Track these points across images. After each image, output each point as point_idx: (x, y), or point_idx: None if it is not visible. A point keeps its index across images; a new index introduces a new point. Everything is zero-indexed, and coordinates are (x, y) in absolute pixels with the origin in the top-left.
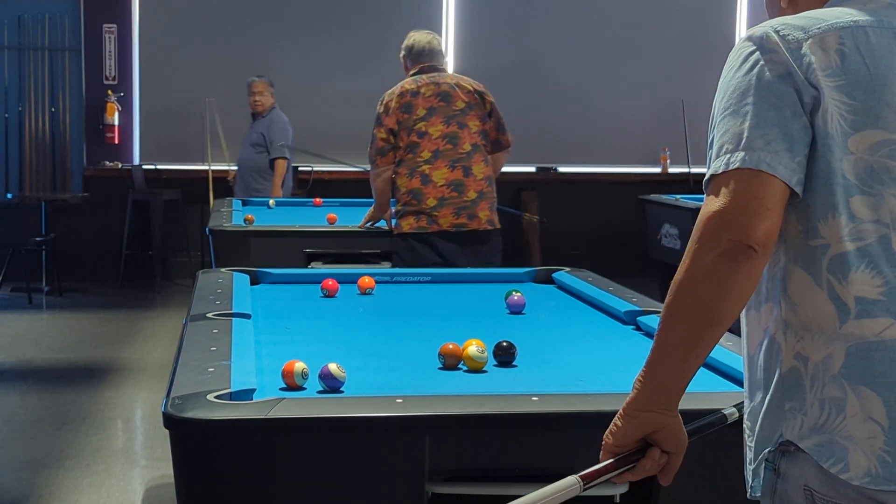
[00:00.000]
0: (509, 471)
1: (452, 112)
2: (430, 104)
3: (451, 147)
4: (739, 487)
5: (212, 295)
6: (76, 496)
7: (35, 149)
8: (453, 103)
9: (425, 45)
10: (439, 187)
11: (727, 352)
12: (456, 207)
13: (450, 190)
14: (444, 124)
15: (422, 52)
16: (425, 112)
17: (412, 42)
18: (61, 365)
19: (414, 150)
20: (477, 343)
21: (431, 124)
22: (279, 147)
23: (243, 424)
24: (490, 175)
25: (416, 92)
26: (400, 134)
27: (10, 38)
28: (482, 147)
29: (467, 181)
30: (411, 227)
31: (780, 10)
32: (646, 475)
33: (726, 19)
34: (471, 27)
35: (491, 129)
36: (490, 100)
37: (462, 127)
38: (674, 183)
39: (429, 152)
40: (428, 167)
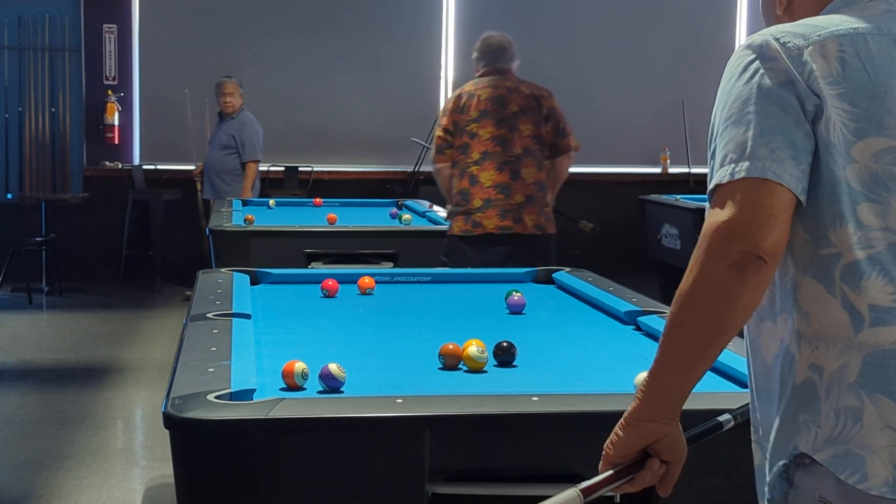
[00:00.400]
0: (509, 471)
1: (505, 115)
2: (484, 107)
3: (500, 149)
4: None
5: (212, 295)
6: (76, 496)
7: (35, 149)
8: (507, 107)
9: (496, 47)
10: (486, 188)
11: (727, 352)
12: (501, 210)
13: (496, 192)
14: (495, 127)
15: (489, 55)
16: (478, 114)
17: (484, 44)
18: (61, 365)
19: (465, 151)
20: (477, 343)
21: (482, 126)
22: (251, 149)
23: (243, 424)
24: (542, 181)
25: (473, 94)
26: (455, 135)
27: (10, 38)
28: (535, 152)
29: (515, 184)
30: (460, 229)
31: (775, 17)
32: (645, 486)
33: (726, 20)
34: (471, 27)
35: (548, 133)
36: (548, 105)
37: (513, 130)
38: (674, 183)
39: (478, 153)
40: (476, 168)
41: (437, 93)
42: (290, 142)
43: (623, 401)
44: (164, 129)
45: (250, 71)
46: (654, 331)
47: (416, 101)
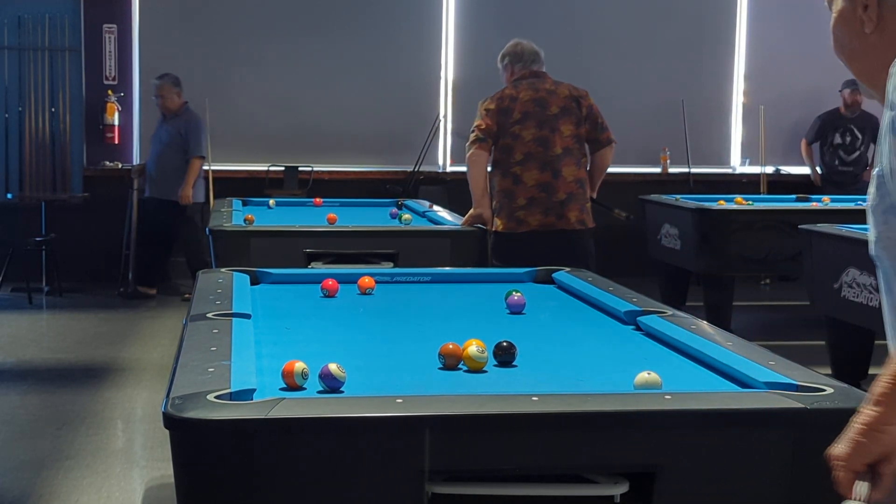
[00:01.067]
0: (509, 471)
1: (546, 117)
2: (526, 109)
3: (542, 150)
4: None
5: (212, 295)
6: (76, 496)
7: (35, 149)
8: (548, 108)
9: (530, 51)
10: (529, 188)
11: (727, 352)
12: (544, 207)
13: (539, 191)
14: (537, 128)
15: (526, 58)
16: (520, 116)
17: (519, 49)
18: (61, 365)
19: (508, 152)
20: (477, 343)
21: (525, 128)
22: (196, 145)
23: (243, 424)
24: (582, 178)
25: (515, 97)
26: (498, 136)
27: (10, 38)
28: (574, 150)
29: (556, 183)
30: (505, 227)
31: (860, 35)
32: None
33: (726, 19)
34: (471, 27)
35: (588, 131)
36: (587, 104)
37: (554, 131)
38: (674, 183)
39: (521, 154)
40: (519, 168)
41: (437, 93)
42: (290, 142)
43: (623, 401)
44: None
45: (250, 71)
46: (654, 331)
47: (416, 101)
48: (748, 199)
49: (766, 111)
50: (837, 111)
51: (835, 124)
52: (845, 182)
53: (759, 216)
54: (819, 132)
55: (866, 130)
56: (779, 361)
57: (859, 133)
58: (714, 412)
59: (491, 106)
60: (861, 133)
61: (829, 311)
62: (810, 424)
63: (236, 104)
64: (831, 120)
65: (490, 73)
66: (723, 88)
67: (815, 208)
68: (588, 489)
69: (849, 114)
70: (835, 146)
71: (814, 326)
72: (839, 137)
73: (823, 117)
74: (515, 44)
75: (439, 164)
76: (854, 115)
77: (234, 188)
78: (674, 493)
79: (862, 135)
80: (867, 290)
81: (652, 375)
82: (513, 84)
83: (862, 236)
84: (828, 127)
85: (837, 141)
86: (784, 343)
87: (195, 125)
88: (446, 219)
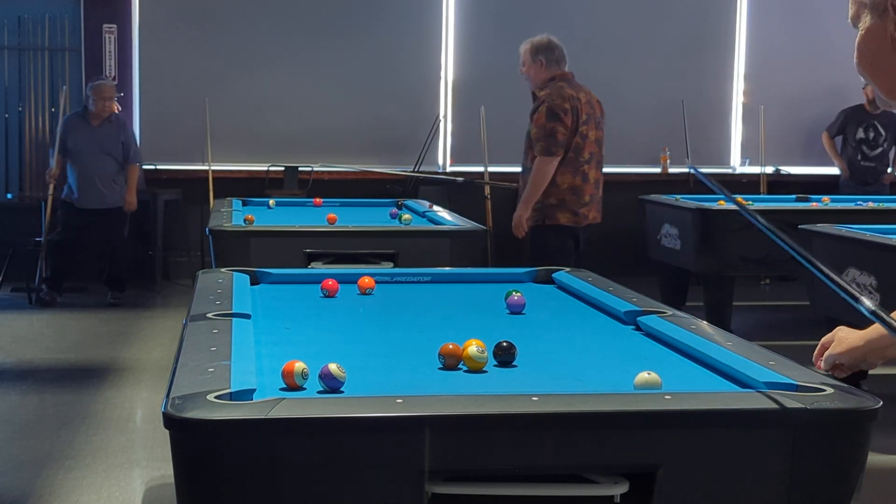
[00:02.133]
0: (509, 471)
1: (598, 119)
2: (587, 111)
3: (598, 150)
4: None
5: (212, 295)
6: (76, 496)
7: (35, 149)
8: (596, 111)
9: (561, 51)
10: (590, 185)
11: (727, 352)
12: (598, 204)
13: (594, 188)
14: (596, 130)
15: (560, 57)
16: (586, 117)
17: (554, 46)
18: (61, 365)
19: (578, 151)
20: (477, 343)
21: (590, 129)
22: (136, 153)
23: (243, 424)
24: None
25: (577, 98)
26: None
27: (10, 38)
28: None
29: (601, 181)
30: (567, 220)
31: (889, 52)
32: None
33: (726, 19)
34: (471, 27)
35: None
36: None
37: (602, 133)
38: (674, 183)
39: (588, 154)
40: (587, 167)
41: (437, 93)
42: (290, 142)
43: (623, 401)
44: (164, 129)
45: (250, 71)
46: (655, 331)
47: (416, 101)
48: (748, 199)
49: (766, 111)
50: (861, 107)
51: (858, 119)
52: (866, 178)
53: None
54: (842, 126)
55: (890, 127)
56: (779, 361)
57: (883, 130)
58: (714, 412)
59: (566, 105)
60: (885, 129)
61: (829, 311)
62: (810, 424)
63: (236, 104)
64: (855, 115)
65: (490, 73)
66: (723, 88)
67: (815, 208)
68: (588, 489)
69: (872, 109)
70: (857, 141)
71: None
72: (862, 132)
73: (847, 112)
74: (549, 41)
75: (439, 164)
76: (878, 112)
77: (234, 188)
78: (674, 494)
79: (885, 131)
80: (867, 290)
81: (652, 375)
82: (567, 84)
83: (862, 236)
84: (850, 121)
85: (860, 136)
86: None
87: (132, 131)
88: (446, 219)
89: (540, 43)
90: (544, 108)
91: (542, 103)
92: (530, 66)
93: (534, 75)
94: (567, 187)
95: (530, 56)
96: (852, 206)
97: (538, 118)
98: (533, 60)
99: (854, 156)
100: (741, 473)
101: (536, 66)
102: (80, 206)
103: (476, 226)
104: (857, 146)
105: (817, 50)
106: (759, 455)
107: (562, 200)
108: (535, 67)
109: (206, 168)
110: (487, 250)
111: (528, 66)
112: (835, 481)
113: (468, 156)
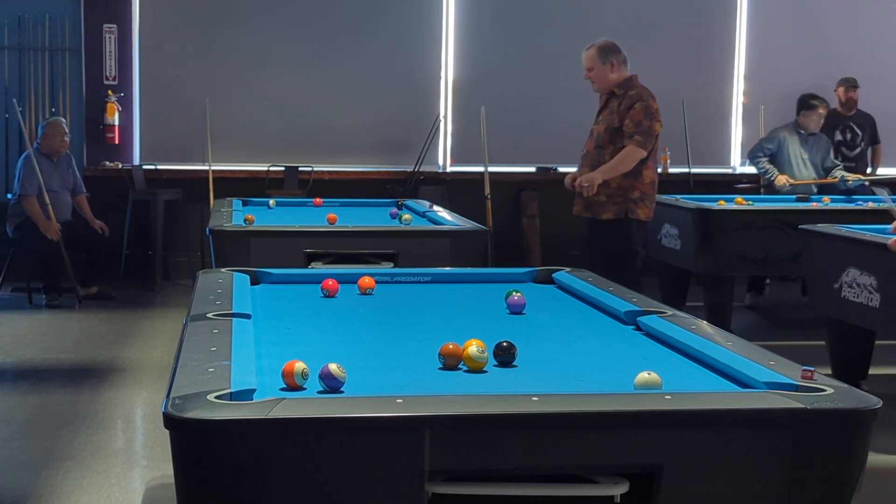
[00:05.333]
0: (509, 471)
1: None
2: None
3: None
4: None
5: (212, 295)
6: (76, 496)
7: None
8: None
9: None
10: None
11: (727, 352)
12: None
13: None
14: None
15: (626, 59)
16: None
17: (616, 47)
18: (61, 365)
19: (655, 149)
20: (477, 343)
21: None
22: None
23: (243, 424)
24: None
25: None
26: None
27: (10, 38)
28: None
29: None
30: (645, 215)
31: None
32: None
33: (726, 19)
34: (471, 27)
35: None
36: None
37: None
38: (674, 183)
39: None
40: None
41: (437, 93)
42: (290, 142)
43: (623, 401)
44: (164, 129)
45: (250, 71)
46: (655, 331)
47: (416, 101)
48: (748, 199)
49: (766, 111)
50: (834, 110)
51: (833, 122)
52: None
53: (759, 216)
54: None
55: (865, 127)
56: (779, 361)
57: (859, 130)
58: (714, 412)
59: (656, 104)
60: (861, 130)
61: (829, 311)
62: (810, 424)
63: (236, 104)
64: (830, 118)
65: (490, 73)
66: (723, 88)
67: (815, 208)
68: (588, 489)
69: (845, 111)
70: (836, 143)
71: (814, 326)
72: (840, 134)
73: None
74: (614, 44)
75: (439, 164)
76: (851, 113)
77: (234, 188)
78: (674, 493)
79: (861, 131)
80: (867, 290)
81: (652, 375)
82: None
83: (862, 236)
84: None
85: (839, 138)
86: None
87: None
88: (446, 219)
89: (607, 45)
90: (640, 105)
91: (638, 100)
92: (600, 69)
93: (604, 77)
94: (650, 182)
95: (599, 59)
96: (852, 206)
97: (635, 114)
98: (603, 63)
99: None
100: (741, 473)
101: (607, 69)
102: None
103: (476, 226)
104: (836, 148)
105: (817, 50)
106: (760, 455)
107: (644, 194)
108: (606, 70)
109: (206, 168)
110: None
111: (596, 69)
112: (835, 481)
113: (468, 156)
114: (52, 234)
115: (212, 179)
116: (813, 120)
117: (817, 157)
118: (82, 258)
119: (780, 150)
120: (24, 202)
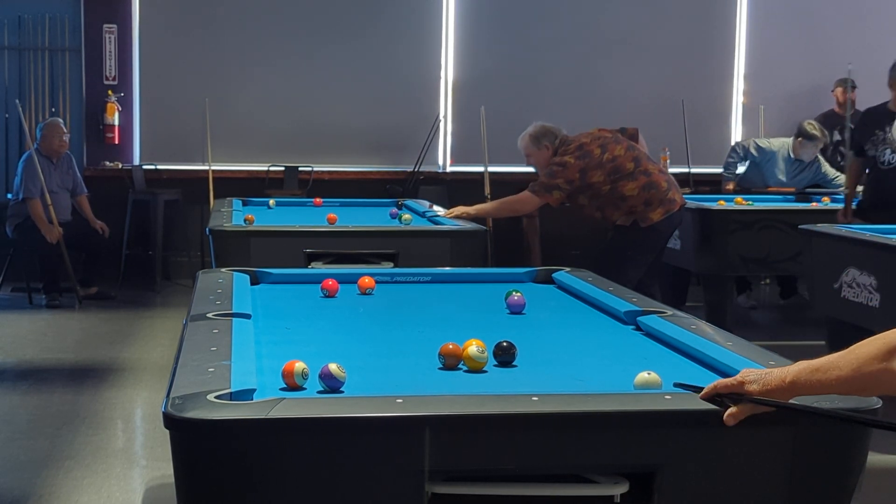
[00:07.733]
0: (509, 471)
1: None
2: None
3: (635, 154)
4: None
5: (212, 295)
6: (76, 496)
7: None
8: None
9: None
10: (659, 175)
11: (727, 352)
12: (676, 184)
13: (663, 173)
14: (615, 145)
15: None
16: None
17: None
18: (61, 365)
19: (618, 172)
20: (477, 343)
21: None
22: (83, 183)
23: (243, 424)
24: None
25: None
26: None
27: (10, 38)
28: None
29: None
30: (660, 215)
31: None
32: None
33: (726, 19)
34: (471, 28)
35: None
36: None
37: (625, 143)
38: None
39: (630, 164)
40: (638, 171)
41: (437, 93)
42: (290, 142)
43: (623, 401)
44: (164, 129)
45: (250, 71)
46: (654, 331)
47: (416, 101)
48: (748, 199)
49: (765, 111)
50: (832, 111)
51: (831, 123)
52: None
53: (759, 216)
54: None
55: None
56: (779, 361)
57: None
58: (714, 412)
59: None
60: None
61: (829, 311)
62: (810, 424)
63: (236, 104)
64: (826, 119)
65: (490, 74)
66: (723, 88)
67: (815, 208)
68: (588, 489)
69: (843, 112)
70: (834, 144)
71: (814, 326)
72: (838, 135)
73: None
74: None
75: (439, 164)
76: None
77: (234, 188)
78: (674, 493)
79: None
80: (867, 290)
81: (652, 375)
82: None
83: (862, 236)
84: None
85: (837, 138)
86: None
87: (74, 164)
88: (446, 219)
89: (537, 132)
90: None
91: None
92: (536, 154)
93: (542, 160)
94: (637, 192)
95: (534, 146)
96: (852, 206)
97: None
98: (538, 148)
99: (834, 157)
100: (741, 473)
101: (543, 152)
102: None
103: (476, 226)
104: (835, 148)
105: (817, 50)
106: (760, 455)
107: (644, 201)
108: (542, 153)
109: (206, 168)
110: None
111: (534, 155)
112: (835, 481)
113: (468, 156)
114: (54, 238)
115: (212, 179)
116: (808, 151)
117: (795, 180)
118: (82, 258)
119: (763, 163)
120: (28, 204)
